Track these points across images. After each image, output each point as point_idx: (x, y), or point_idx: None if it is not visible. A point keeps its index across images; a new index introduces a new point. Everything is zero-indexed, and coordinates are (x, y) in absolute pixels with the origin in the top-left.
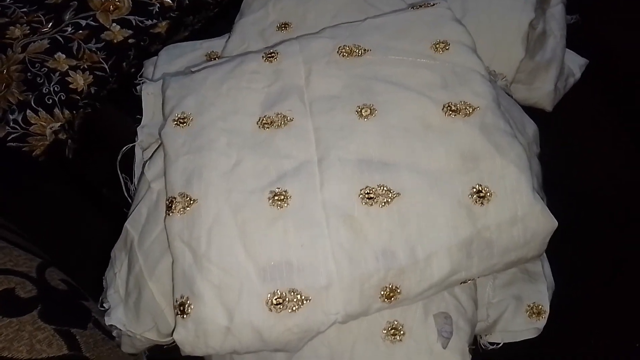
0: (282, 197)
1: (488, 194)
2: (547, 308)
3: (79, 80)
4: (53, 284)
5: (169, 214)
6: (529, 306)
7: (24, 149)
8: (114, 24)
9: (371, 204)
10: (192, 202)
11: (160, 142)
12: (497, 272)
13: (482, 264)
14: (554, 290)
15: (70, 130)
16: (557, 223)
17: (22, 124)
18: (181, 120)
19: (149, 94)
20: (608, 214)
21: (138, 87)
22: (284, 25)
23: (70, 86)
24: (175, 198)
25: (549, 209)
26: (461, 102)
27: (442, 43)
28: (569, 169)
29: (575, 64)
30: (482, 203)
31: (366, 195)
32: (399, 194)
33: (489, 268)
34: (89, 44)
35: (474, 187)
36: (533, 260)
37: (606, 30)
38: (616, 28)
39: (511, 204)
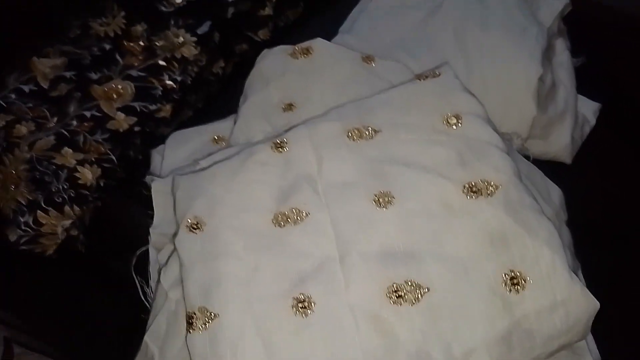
0: (306, 303)
1: (522, 279)
2: None
3: (88, 175)
4: None
5: (189, 332)
6: None
7: (36, 250)
8: (119, 112)
9: (400, 303)
10: (213, 316)
11: (174, 245)
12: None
13: (525, 356)
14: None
15: (82, 225)
16: (599, 304)
17: (33, 225)
18: (194, 226)
19: (159, 192)
20: None
21: (147, 181)
22: (289, 106)
23: (79, 182)
24: (195, 314)
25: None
26: (481, 180)
27: (454, 117)
28: (597, 219)
29: (589, 110)
30: (517, 290)
31: (394, 293)
32: (428, 289)
33: (534, 359)
34: (95, 136)
35: (506, 274)
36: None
37: (614, 68)
38: (624, 65)
39: (548, 288)
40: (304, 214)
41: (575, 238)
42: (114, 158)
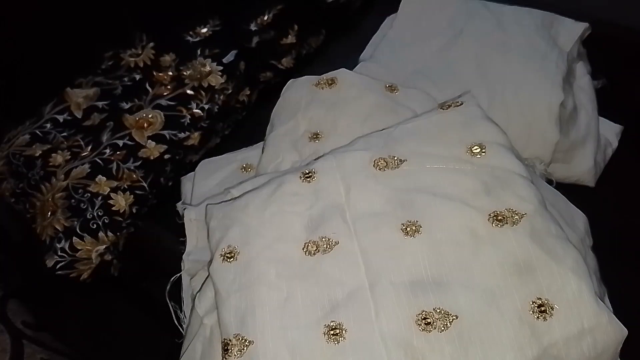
0: (338, 330)
1: (550, 307)
2: None
3: (121, 202)
4: None
5: (225, 358)
6: None
7: (71, 275)
8: (149, 141)
9: (429, 330)
10: (248, 343)
11: (207, 272)
12: None
13: None
14: None
15: (115, 250)
16: (627, 331)
17: (69, 251)
18: (228, 255)
19: (192, 220)
20: None
21: (179, 209)
22: (315, 136)
23: (113, 208)
24: (230, 340)
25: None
26: (507, 209)
27: (478, 146)
28: (622, 242)
29: (611, 132)
30: (544, 318)
31: (423, 321)
32: (456, 316)
33: None
34: (127, 164)
35: (533, 301)
36: None
37: (635, 89)
38: None
39: (576, 316)
40: (334, 242)
41: (601, 261)
42: (145, 185)
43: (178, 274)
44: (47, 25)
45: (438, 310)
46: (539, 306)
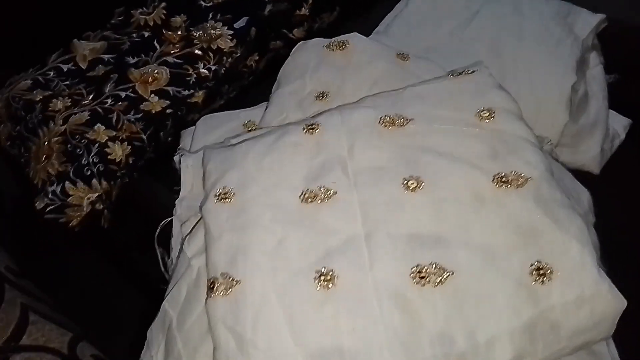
0: (329, 277)
1: (549, 271)
2: None
3: (118, 151)
4: None
5: (210, 296)
6: None
7: (60, 220)
8: (152, 95)
9: (424, 284)
10: (235, 283)
11: (200, 216)
12: (563, 357)
13: (548, 349)
14: None
15: (108, 200)
16: (626, 302)
17: (60, 195)
18: (223, 196)
19: (188, 167)
20: None
21: (176, 158)
22: (322, 95)
23: (109, 157)
24: (217, 279)
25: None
26: (512, 172)
27: (487, 111)
28: (622, 230)
29: (620, 125)
30: (542, 282)
31: (418, 275)
32: (452, 272)
33: (556, 352)
34: (128, 115)
35: (533, 265)
36: (601, 341)
37: None
38: None
39: (576, 283)
40: (332, 192)
41: (601, 248)
42: (144, 137)
43: (169, 219)
44: None
45: (434, 265)
46: (538, 269)
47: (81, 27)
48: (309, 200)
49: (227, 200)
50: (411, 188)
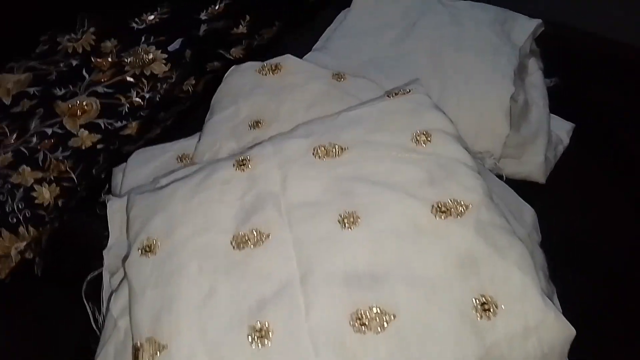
0: (263, 332)
1: (494, 304)
2: None
3: (45, 194)
4: None
5: None
6: None
7: None
8: (82, 129)
9: (364, 332)
10: (162, 348)
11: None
12: None
13: None
14: None
15: (38, 247)
16: (574, 331)
17: None
18: (147, 248)
19: (115, 212)
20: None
21: (105, 200)
22: (257, 123)
23: (36, 201)
24: (142, 345)
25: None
26: (451, 199)
27: (424, 134)
28: (571, 239)
29: (562, 130)
30: (488, 316)
31: (358, 321)
32: (394, 315)
33: None
34: (56, 153)
35: (476, 298)
36: None
37: (586, 88)
38: (595, 86)
39: (520, 313)
40: (265, 235)
41: (549, 259)
42: (74, 177)
43: (96, 271)
44: None
45: (375, 309)
46: (483, 304)
47: (3, 58)
48: (241, 245)
49: (151, 252)
50: (347, 225)
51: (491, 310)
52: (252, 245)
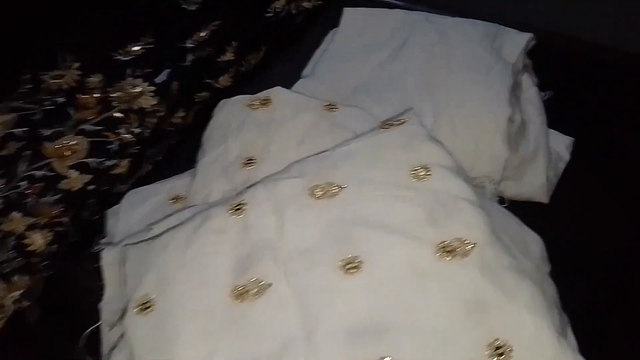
0: None
1: (508, 349)
2: None
3: (38, 241)
4: None
5: None
6: None
7: None
8: (71, 170)
9: None
10: None
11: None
12: None
13: None
14: None
15: (33, 295)
16: None
17: None
18: (143, 306)
19: (109, 265)
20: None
21: (99, 249)
22: (249, 161)
23: (28, 249)
24: None
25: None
26: (455, 239)
27: (422, 169)
28: (579, 260)
29: (561, 145)
30: None
31: None
32: None
33: None
34: (46, 197)
35: (490, 344)
36: None
37: (583, 100)
38: (591, 94)
39: (536, 356)
40: (266, 285)
41: (554, 278)
42: (65, 221)
43: (94, 326)
44: None
45: None
46: (496, 348)
47: None
48: (242, 297)
49: (148, 309)
50: (350, 272)
51: (505, 354)
52: (252, 296)
